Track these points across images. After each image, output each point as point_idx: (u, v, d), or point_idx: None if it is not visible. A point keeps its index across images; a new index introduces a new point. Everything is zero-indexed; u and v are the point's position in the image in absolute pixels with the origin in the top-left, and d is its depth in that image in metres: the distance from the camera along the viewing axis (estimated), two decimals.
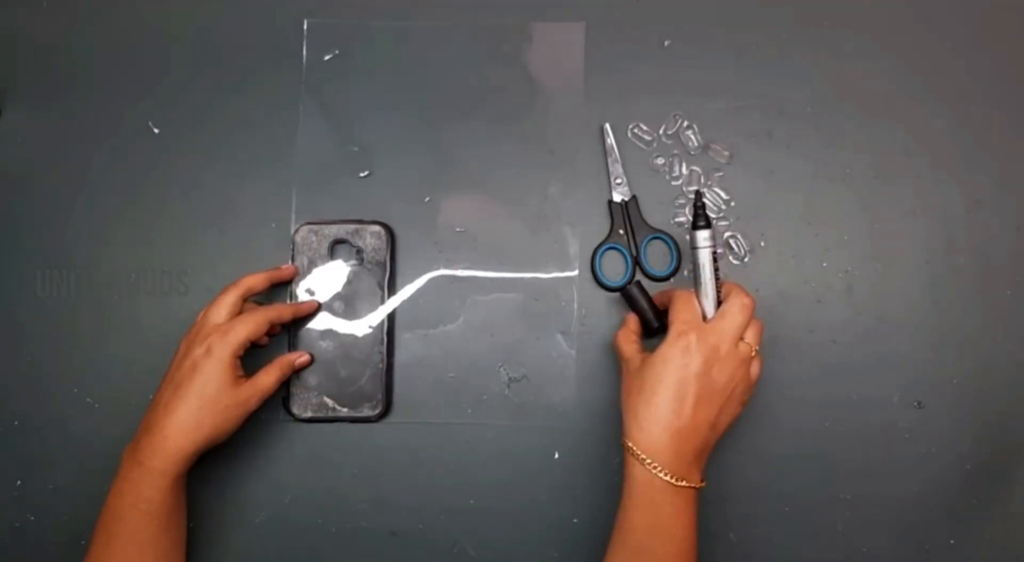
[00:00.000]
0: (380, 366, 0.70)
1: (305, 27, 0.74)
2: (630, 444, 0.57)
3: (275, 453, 0.70)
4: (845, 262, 0.71)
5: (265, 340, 0.67)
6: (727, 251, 0.71)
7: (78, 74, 0.75)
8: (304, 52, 0.74)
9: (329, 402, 0.70)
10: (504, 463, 0.70)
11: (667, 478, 0.56)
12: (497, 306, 0.71)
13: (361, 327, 0.70)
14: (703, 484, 0.59)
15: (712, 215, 0.71)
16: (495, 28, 0.74)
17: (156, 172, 0.74)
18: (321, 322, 0.70)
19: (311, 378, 0.70)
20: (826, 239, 0.71)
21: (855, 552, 0.68)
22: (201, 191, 0.73)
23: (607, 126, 0.71)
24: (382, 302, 0.71)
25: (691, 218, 0.64)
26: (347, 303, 0.71)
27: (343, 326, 0.70)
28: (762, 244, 0.71)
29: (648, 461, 0.56)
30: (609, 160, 0.71)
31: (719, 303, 0.62)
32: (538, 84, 0.73)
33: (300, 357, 0.68)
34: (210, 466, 0.66)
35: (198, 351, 0.62)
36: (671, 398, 0.57)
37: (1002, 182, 0.71)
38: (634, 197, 0.71)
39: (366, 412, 0.70)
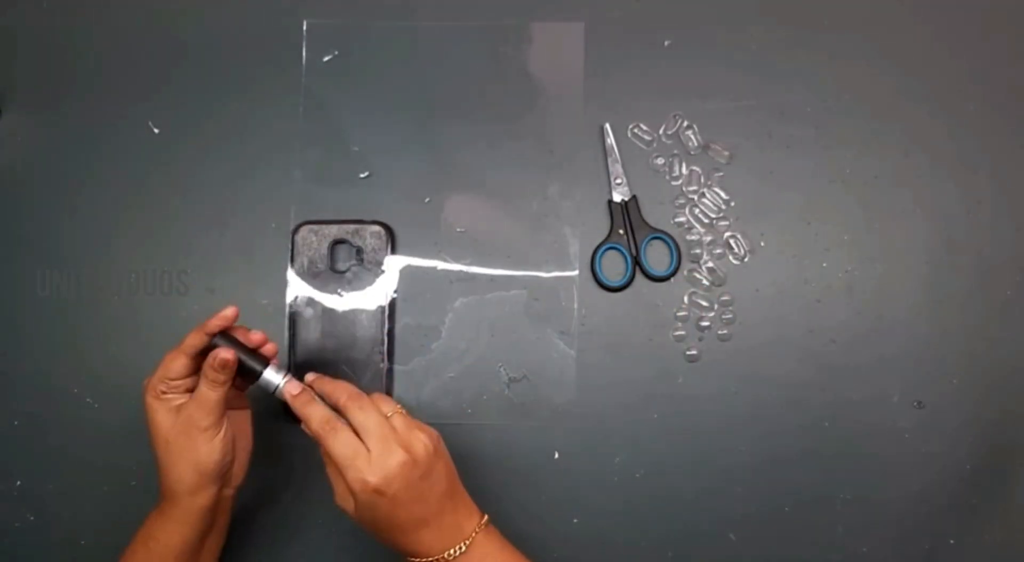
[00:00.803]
0: (380, 366, 0.70)
1: (304, 28, 0.74)
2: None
3: (275, 453, 0.70)
4: (845, 262, 0.71)
5: (223, 372, 0.59)
6: (727, 251, 0.71)
7: (78, 74, 0.76)
8: (304, 53, 0.74)
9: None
10: (504, 463, 0.70)
11: (456, 552, 0.57)
12: (497, 306, 0.71)
13: (361, 327, 0.70)
14: (486, 517, 0.59)
15: (712, 215, 0.72)
16: (495, 28, 0.74)
17: (156, 172, 0.74)
18: (321, 322, 0.70)
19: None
20: (826, 239, 0.71)
21: (855, 552, 0.68)
22: (201, 191, 0.73)
23: (607, 126, 0.71)
24: (382, 302, 0.71)
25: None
26: (348, 303, 0.71)
27: (343, 326, 0.70)
28: (762, 244, 0.71)
29: (449, 554, 0.57)
30: (609, 160, 0.71)
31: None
32: (538, 84, 0.73)
33: (214, 359, 0.58)
34: (231, 504, 0.66)
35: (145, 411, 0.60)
36: (402, 526, 0.56)
37: (1002, 182, 0.71)
38: (634, 197, 0.71)
39: None
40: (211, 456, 0.59)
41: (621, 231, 0.71)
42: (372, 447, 0.56)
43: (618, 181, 0.71)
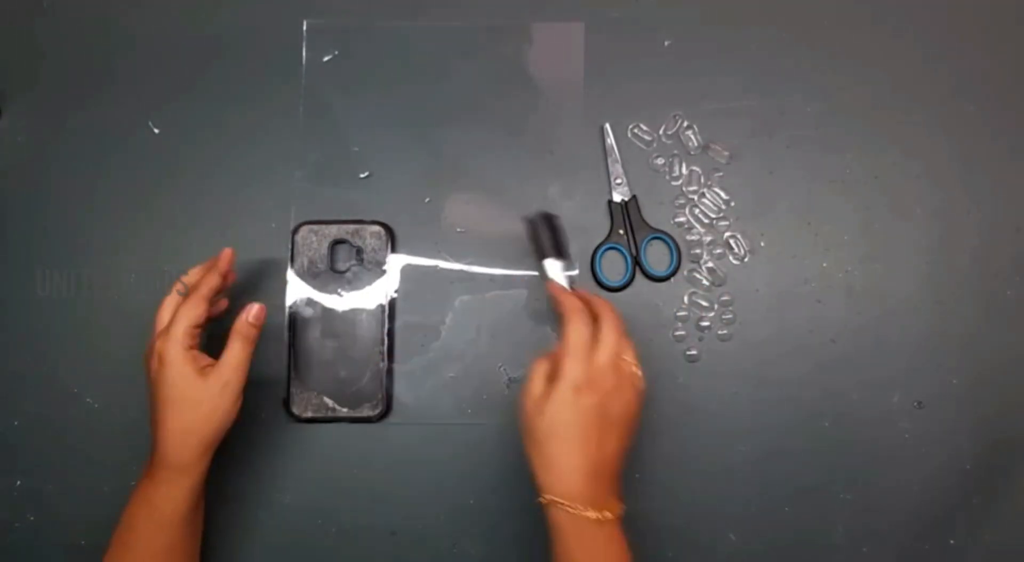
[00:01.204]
0: (380, 366, 0.70)
1: (304, 28, 0.74)
2: (548, 496, 0.56)
3: (275, 453, 0.70)
4: (845, 262, 0.71)
5: (220, 308, 0.65)
6: (727, 251, 0.71)
7: (78, 74, 0.75)
8: (303, 53, 0.74)
9: (329, 402, 0.70)
10: (504, 463, 0.70)
11: (592, 515, 0.55)
12: (497, 306, 0.71)
13: (361, 327, 0.70)
14: (624, 508, 0.58)
15: (712, 215, 0.72)
16: (495, 29, 0.74)
17: (156, 172, 0.74)
18: (321, 322, 0.70)
19: (311, 378, 0.70)
20: (826, 239, 0.71)
21: (855, 552, 0.68)
22: (201, 191, 0.73)
23: (607, 126, 0.71)
24: (382, 302, 0.71)
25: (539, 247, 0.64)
26: (348, 303, 0.71)
27: (343, 326, 0.70)
28: (762, 244, 0.71)
29: (569, 506, 0.55)
30: (609, 160, 0.71)
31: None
32: (538, 84, 0.73)
33: (251, 313, 0.61)
34: (211, 465, 0.66)
35: (154, 364, 0.60)
36: (576, 441, 0.56)
37: (1002, 182, 0.71)
38: (634, 197, 0.71)
39: (366, 412, 0.70)
40: (224, 421, 0.60)
41: (621, 231, 0.71)
42: (600, 354, 0.57)
43: (618, 181, 0.71)
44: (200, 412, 0.59)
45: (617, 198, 0.71)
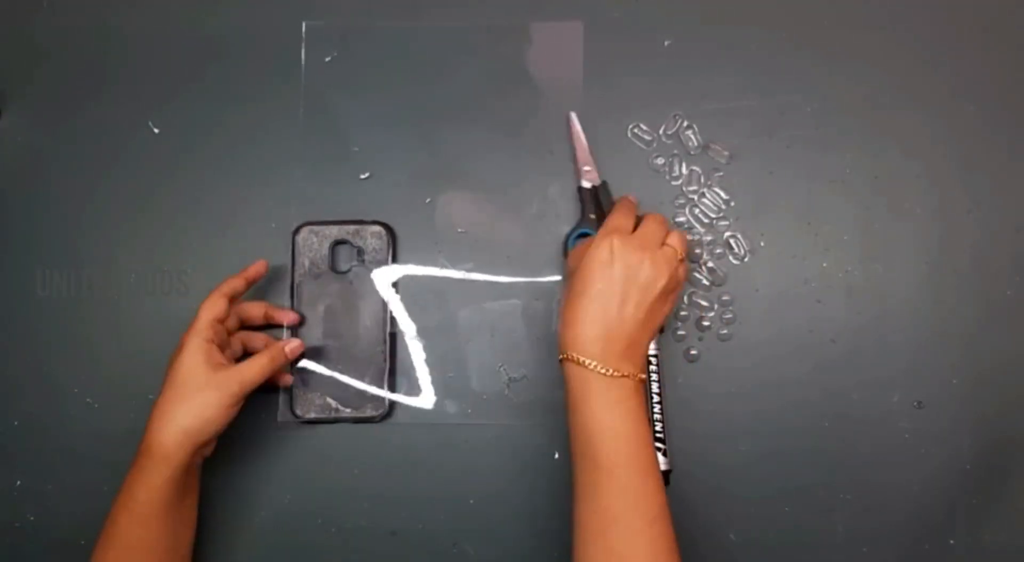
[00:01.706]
0: (382, 366, 0.70)
1: (304, 29, 0.74)
2: (563, 348, 0.58)
3: (276, 453, 0.70)
4: (845, 262, 0.71)
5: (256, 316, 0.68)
6: (727, 251, 0.71)
7: (78, 74, 0.75)
8: (303, 54, 0.74)
9: (332, 403, 0.70)
10: (504, 463, 0.70)
11: (600, 370, 0.56)
12: (497, 306, 0.71)
13: (363, 327, 0.70)
14: (641, 376, 0.59)
15: (712, 215, 0.72)
16: (494, 29, 0.74)
17: (156, 172, 0.74)
18: (323, 322, 0.70)
19: (314, 379, 0.70)
20: (826, 239, 0.71)
21: (855, 552, 0.68)
22: (201, 191, 0.73)
23: (572, 114, 0.71)
24: (383, 302, 0.71)
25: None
26: (349, 304, 0.71)
27: (345, 327, 0.70)
28: (762, 244, 0.72)
29: (578, 357, 0.57)
30: (577, 147, 0.71)
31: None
32: (538, 84, 0.73)
33: (289, 344, 0.66)
34: (211, 465, 0.66)
35: (205, 376, 0.60)
36: (598, 296, 0.58)
37: (1002, 182, 0.71)
38: (604, 182, 0.71)
39: (368, 413, 0.70)
40: (212, 422, 0.60)
41: (592, 216, 0.70)
42: (645, 228, 0.62)
43: (586, 168, 0.71)
44: (192, 402, 0.59)
45: (586, 184, 0.71)
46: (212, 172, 0.74)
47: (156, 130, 0.74)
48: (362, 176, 0.73)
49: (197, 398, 0.60)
